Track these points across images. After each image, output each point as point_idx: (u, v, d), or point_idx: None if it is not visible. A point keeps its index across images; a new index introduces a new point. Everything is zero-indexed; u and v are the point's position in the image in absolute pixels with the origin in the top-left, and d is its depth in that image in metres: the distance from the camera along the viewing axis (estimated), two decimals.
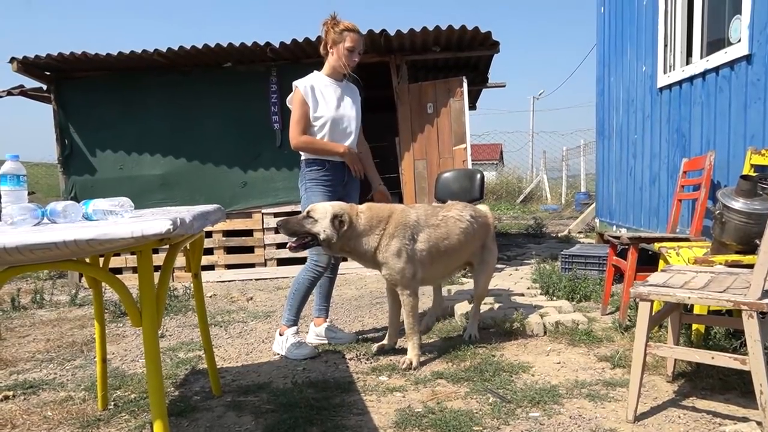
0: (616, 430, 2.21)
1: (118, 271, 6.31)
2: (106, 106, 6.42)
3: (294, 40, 5.81)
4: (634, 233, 4.14)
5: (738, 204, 2.85)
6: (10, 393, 2.84)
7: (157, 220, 1.57)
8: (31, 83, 6.67)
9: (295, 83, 3.30)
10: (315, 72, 3.38)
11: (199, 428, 2.38)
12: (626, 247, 3.62)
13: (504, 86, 8.94)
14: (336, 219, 2.90)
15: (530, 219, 11.09)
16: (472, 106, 10.07)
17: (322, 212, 2.92)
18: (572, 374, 2.82)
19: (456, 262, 3.41)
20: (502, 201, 17.45)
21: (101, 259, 2.47)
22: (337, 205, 2.97)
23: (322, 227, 2.89)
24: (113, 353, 3.51)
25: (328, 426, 2.32)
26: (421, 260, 3.08)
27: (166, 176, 6.47)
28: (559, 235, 9.16)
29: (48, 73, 6.36)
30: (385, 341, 3.34)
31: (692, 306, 2.78)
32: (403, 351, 3.15)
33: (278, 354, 3.34)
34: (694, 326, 2.92)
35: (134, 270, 6.30)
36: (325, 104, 3.29)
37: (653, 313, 2.31)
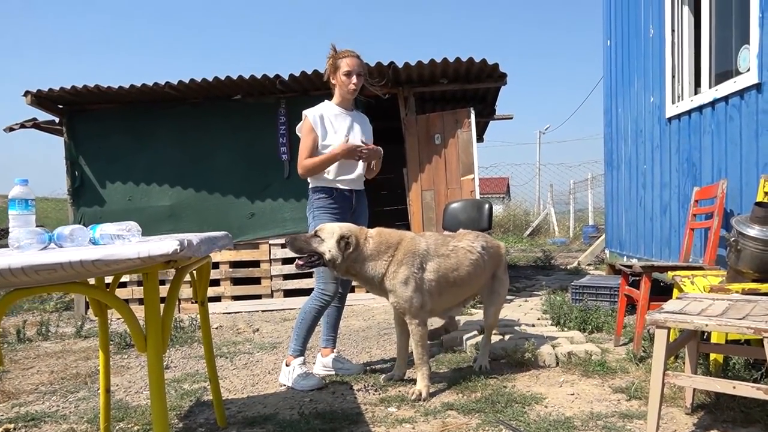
0: None
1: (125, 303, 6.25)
2: (117, 137, 6.47)
3: (303, 72, 5.88)
4: (647, 262, 4.08)
5: (754, 231, 2.80)
6: (11, 426, 2.79)
7: (164, 241, 1.55)
8: (43, 116, 6.76)
9: (304, 112, 3.33)
10: (325, 101, 3.40)
11: None
12: (638, 277, 3.56)
13: (511, 118, 8.98)
14: (342, 240, 2.88)
15: (538, 251, 11.00)
16: (480, 138, 10.11)
17: (329, 232, 2.91)
18: (587, 406, 2.73)
19: (465, 293, 3.36)
20: (510, 234, 17.36)
21: (108, 289, 2.44)
22: (346, 227, 2.95)
23: (328, 247, 2.87)
24: (117, 384, 3.45)
25: None
26: (430, 290, 3.04)
27: (174, 207, 6.48)
28: (568, 267, 9.07)
29: (60, 106, 6.45)
30: (393, 372, 3.27)
31: (709, 334, 2.71)
32: (412, 381, 3.08)
33: (285, 385, 3.27)
34: (712, 356, 2.84)
35: (140, 302, 6.26)
36: (334, 133, 3.30)
37: (669, 342, 2.25)
